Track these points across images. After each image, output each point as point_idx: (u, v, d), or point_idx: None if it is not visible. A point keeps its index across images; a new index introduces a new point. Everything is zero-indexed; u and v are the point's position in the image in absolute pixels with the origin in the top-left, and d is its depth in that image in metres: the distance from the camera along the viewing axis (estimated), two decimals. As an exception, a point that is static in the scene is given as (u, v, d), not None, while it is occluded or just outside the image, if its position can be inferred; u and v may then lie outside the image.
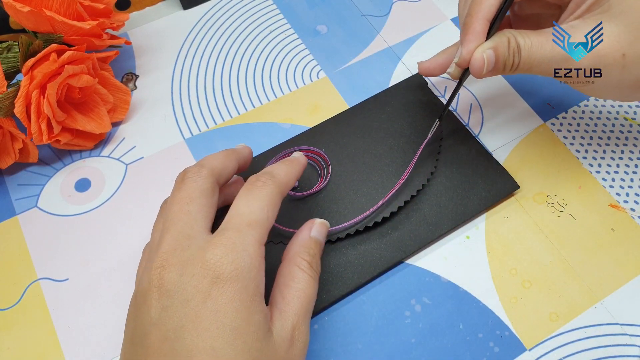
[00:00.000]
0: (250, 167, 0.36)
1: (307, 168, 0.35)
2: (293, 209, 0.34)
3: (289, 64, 0.42)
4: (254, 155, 0.36)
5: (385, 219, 0.33)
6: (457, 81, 0.33)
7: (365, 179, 0.35)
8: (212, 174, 0.27)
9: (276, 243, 0.33)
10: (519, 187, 0.35)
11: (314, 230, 0.29)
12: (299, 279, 0.26)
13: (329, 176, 0.35)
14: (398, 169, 0.35)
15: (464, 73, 0.32)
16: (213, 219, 0.27)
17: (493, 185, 0.35)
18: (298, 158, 0.30)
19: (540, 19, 0.34)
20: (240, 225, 0.24)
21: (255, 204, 0.25)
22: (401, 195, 0.34)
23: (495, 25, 0.30)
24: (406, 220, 0.34)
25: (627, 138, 0.38)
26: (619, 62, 0.29)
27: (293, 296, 0.25)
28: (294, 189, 0.34)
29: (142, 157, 0.37)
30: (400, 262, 0.33)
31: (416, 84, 0.39)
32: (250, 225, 0.24)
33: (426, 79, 0.40)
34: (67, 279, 0.32)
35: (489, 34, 0.30)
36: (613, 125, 0.39)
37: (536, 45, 0.29)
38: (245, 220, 0.24)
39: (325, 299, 0.31)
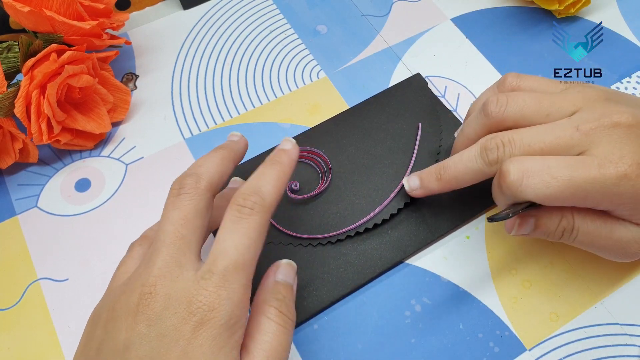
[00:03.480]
0: (250, 168, 0.36)
1: (308, 169, 0.35)
2: (293, 211, 0.34)
3: (289, 64, 0.42)
4: (253, 155, 0.36)
5: (384, 221, 0.33)
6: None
7: (365, 180, 0.35)
8: (209, 187, 0.26)
9: (276, 244, 0.33)
10: None
11: (279, 273, 0.27)
12: (265, 329, 0.24)
13: (329, 178, 0.35)
14: (398, 170, 0.35)
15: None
16: (205, 239, 0.26)
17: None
18: (285, 159, 0.27)
19: None
20: (226, 269, 0.23)
21: (243, 242, 0.24)
22: (400, 197, 0.34)
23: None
24: (406, 221, 0.34)
25: (627, 138, 0.38)
26: None
27: (259, 350, 0.23)
28: (294, 192, 0.34)
29: (142, 157, 0.37)
30: (400, 262, 0.33)
31: (416, 84, 0.39)
32: (237, 269, 0.23)
33: (426, 79, 0.40)
34: (67, 279, 0.32)
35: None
36: (613, 125, 0.39)
37: (597, 234, 0.28)
38: (232, 263, 0.23)
39: (325, 300, 0.31)
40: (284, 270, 0.27)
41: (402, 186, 0.34)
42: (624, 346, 0.30)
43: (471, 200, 0.34)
